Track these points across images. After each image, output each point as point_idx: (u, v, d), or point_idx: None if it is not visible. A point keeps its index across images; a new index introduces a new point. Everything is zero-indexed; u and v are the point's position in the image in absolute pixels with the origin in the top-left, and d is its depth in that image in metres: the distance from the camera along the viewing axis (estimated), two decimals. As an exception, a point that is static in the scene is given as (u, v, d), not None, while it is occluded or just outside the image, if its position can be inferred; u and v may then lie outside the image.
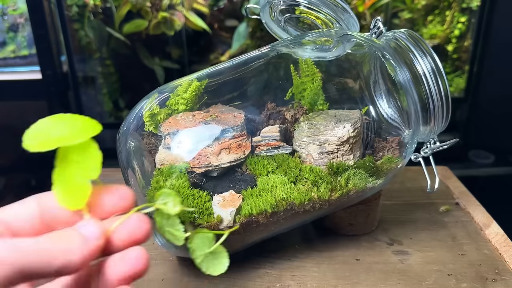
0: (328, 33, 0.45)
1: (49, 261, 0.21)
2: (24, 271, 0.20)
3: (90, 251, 0.23)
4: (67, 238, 0.22)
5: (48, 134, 0.25)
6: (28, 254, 0.20)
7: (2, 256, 0.20)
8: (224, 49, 0.94)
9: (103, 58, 0.94)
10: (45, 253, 0.21)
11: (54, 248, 0.21)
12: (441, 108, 0.43)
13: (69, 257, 0.22)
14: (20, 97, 0.92)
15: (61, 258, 0.21)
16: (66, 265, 0.21)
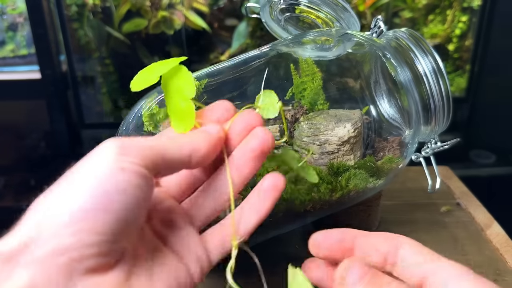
0: (328, 33, 0.45)
1: (181, 148, 0.25)
2: (163, 154, 0.23)
3: (213, 141, 0.26)
4: (193, 134, 0.26)
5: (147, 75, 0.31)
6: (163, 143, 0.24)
7: (142, 144, 0.23)
8: (224, 49, 0.94)
9: (103, 58, 0.93)
10: (176, 143, 0.25)
11: (183, 140, 0.25)
12: (442, 108, 0.42)
13: (195, 145, 0.25)
14: (19, 97, 0.92)
15: (189, 146, 0.25)
16: (194, 151, 0.25)
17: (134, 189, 0.21)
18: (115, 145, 0.22)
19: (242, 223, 0.28)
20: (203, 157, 0.26)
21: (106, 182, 0.21)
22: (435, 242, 0.50)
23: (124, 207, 0.21)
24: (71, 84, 0.93)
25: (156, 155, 0.23)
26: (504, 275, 0.44)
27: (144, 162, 0.22)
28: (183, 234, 0.27)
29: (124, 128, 0.42)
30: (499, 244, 0.49)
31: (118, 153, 0.22)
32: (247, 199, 0.28)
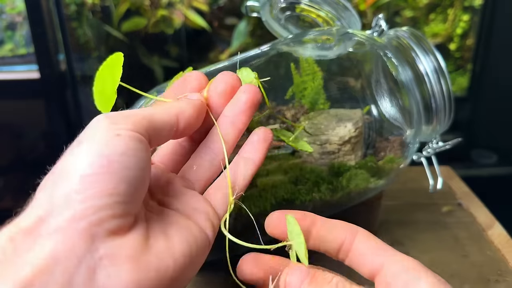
0: (329, 32, 0.45)
1: (168, 112, 0.26)
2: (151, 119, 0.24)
3: (197, 105, 0.28)
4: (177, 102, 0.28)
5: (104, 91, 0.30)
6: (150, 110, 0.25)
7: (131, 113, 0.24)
8: (224, 48, 0.94)
9: (102, 57, 0.93)
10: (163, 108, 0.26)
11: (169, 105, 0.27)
12: (444, 107, 0.42)
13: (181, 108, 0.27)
14: (17, 96, 0.92)
15: (175, 109, 0.26)
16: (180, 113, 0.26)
17: (133, 151, 0.22)
18: (105, 117, 0.24)
19: (239, 175, 0.29)
20: (190, 119, 0.27)
21: (105, 147, 0.22)
22: (436, 242, 0.49)
23: (126, 168, 0.22)
24: (70, 83, 0.92)
25: (146, 121, 0.24)
26: (506, 276, 0.44)
27: (136, 128, 0.23)
28: (187, 198, 0.28)
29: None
30: (500, 244, 0.48)
31: (111, 122, 0.23)
32: (240, 153, 0.30)
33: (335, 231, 0.27)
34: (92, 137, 0.22)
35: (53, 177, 0.22)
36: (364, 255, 0.26)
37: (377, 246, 0.26)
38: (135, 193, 0.22)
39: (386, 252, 0.26)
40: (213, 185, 0.30)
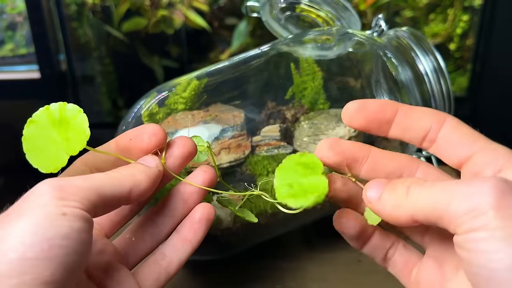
0: (329, 32, 0.45)
1: (121, 184, 0.24)
2: (102, 193, 0.23)
3: (153, 174, 0.26)
4: (131, 168, 0.26)
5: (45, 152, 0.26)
6: (102, 181, 0.23)
7: (80, 184, 0.22)
8: (224, 48, 0.94)
9: (102, 57, 0.93)
10: (116, 179, 0.24)
11: (123, 175, 0.25)
12: (443, 107, 0.42)
13: (136, 180, 0.25)
14: (18, 96, 0.92)
15: (130, 181, 0.24)
16: (135, 185, 0.25)
17: (77, 234, 0.21)
18: (52, 188, 0.21)
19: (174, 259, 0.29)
20: (144, 191, 0.25)
21: (47, 228, 0.20)
22: (436, 242, 0.49)
23: (68, 253, 0.20)
24: (71, 83, 0.92)
25: (95, 195, 0.22)
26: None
27: (84, 205, 0.21)
28: (117, 276, 0.27)
29: (123, 128, 0.42)
30: (500, 244, 0.48)
31: (56, 197, 0.21)
32: (178, 231, 0.29)
33: (419, 119, 0.25)
34: (34, 213, 0.20)
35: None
36: (451, 144, 0.24)
37: (468, 134, 0.24)
38: (71, 278, 0.21)
39: (476, 142, 0.23)
40: (147, 265, 0.29)
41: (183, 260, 0.29)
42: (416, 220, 0.22)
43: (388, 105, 0.26)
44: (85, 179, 0.23)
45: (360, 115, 0.26)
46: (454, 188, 0.20)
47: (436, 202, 0.21)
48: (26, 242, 0.19)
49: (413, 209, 0.22)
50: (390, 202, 0.23)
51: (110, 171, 0.25)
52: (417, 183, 0.22)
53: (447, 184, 0.21)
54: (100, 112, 0.97)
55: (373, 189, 0.24)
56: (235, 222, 0.39)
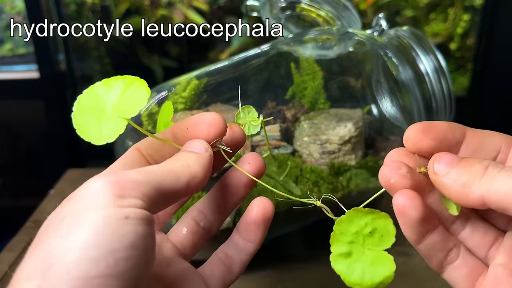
0: (329, 31, 0.44)
1: (178, 177, 0.22)
2: (160, 188, 0.21)
3: (206, 163, 0.24)
4: (185, 157, 0.24)
5: None
6: (159, 174, 0.22)
7: (139, 178, 0.20)
8: (224, 47, 0.94)
9: (101, 57, 0.93)
10: (173, 172, 0.22)
11: (178, 167, 0.23)
12: (444, 107, 0.42)
13: (192, 169, 0.23)
14: (17, 96, 0.92)
15: (186, 171, 0.23)
16: (192, 176, 0.23)
17: (142, 241, 0.19)
18: (109, 184, 0.19)
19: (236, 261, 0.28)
20: (200, 182, 0.24)
21: (111, 238, 0.18)
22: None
23: (134, 265, 0.18)
24: (70, 83, 0.92)
25: (155, 190, 0.21)
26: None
27: (145, 202, 0.20)
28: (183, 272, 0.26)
29: (122, 128, 0.42)
30: (501, 244, 0.48)
31: (115, 194, 0.19)
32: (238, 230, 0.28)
33: (490, 140, 0.25)
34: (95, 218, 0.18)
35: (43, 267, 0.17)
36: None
37: None
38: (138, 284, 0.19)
39: None
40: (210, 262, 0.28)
41: (245, 261, 0.28)
42: (486, 204, 0.21)
43: (456, 126, 0.25)
44: (142, 172, 0.21)
45: (428, 136, 0.25)
46: None
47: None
48: (89, 257, 0.17)
49: (487, 190, 0.21)
50: (461, 179, 0.22)
51: (163, 162, 0.24)
52: (497, 165, 0.21)
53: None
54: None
55: (442, 162, 0.23)
56: (234, 223, 0.38)
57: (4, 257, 0.46)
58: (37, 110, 0.92)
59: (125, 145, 0.41)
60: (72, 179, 0.63)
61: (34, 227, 0.52)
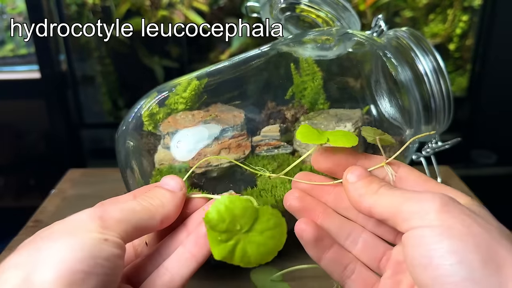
0: (329, 32, 0.45)
1: (153, 216, 0.27)
2: (136, 226, 0.26)
3: (179, 201, 0.28)
4: (160, 196, 0.28)
5: None
6: (137, 214, 0.26)
7: (119, 217, 0.25)
8: (224, 48, 0.94)
9: (102, 57, 0.93)
10: (149, 212, 0.27)
11: (154, 206, 0.27)
12: (443, 107, 0.42)
13: (166, 209, 0.28)
14: (18, 96, 0.92)
15: (160, 211, 0.27)
16: (165, 216, 0.27)
17: (115, 258, 0.24)
18: (96, 218, 0.24)
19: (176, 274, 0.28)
20: (171, 219, 0.28)
21: (93, 248, 0.23)
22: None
23: (106, 273, 0.23)
24: (71, 83, 0.92)
25: (131, 228, 0.25)
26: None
27: (121, 236, 0.25)
28: None
29: (123, 128, 0.42)
30: (500, 244, 0.48)
31: (100, 225, 0.24)
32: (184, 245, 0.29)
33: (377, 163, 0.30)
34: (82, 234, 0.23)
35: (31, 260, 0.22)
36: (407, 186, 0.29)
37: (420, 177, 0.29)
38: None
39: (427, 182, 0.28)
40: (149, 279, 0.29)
41: (185, 276, 0.28)
42: (372, 213, 0.26)
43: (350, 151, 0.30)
44: (123, 212, 0.26)
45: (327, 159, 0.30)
46: (410, 195, 0.25)
47: (393, 202, 0.26)
48: (76, 256, 0.22)
49: (374, 202, 0.26)
50: (360, 190, 0.27)
51: (141, 198, 0.28)
52: (388, 186, 0.27)
53: (406, 192, 0.26)
54: (101, 112, 0.97)
55: (354, 174, 0.28)
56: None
57: (5, 256, 0.46)
58: (38, 110, 0.92)
59: (126, 145, 0.41)
60: (73, 179, 0.63)
61: (35, 227, 0.52)
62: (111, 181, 0.60)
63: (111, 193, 0.30)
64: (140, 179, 0.40)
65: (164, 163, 0.39)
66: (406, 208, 0.24)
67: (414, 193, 0.25)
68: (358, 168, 0.28)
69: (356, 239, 0.30)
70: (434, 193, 0.25)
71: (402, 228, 0.25)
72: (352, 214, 0.31)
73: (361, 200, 0.27)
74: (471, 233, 0.23)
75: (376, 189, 0.27)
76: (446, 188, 0.27)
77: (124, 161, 0.41)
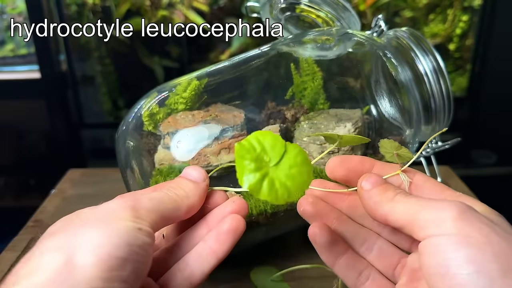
0: (329, 32, 0.45)
1: (178, 207, 0.27)
2: (164, 216, 0.26)
3: (203, 191, 0.29)
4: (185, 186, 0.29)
5: None
6: (164, 204, 0.27)
7: (150, 207, 0.26)
8: (224, 48, 0.94)
9: (102, 57, 0.93)
10: (175, 202, 0.27)
11: (180, 197, 0.28)
12: (443, 107, 0.42)
13: (190, 200, 0.28)
14: (18, 96, 0.92)
15: (186, 202, 0.28)
16: (190, 206, 0.28)
17: (148, 246, 0.24)
18: (128, 206, 0.25)
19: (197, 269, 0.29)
20: (196, 209, 0.29)
21: (129, 236, 0.23)
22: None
23: (140, 260, 0.24)
24: (71, 83, 0.92)
25: (160, 218, 0.26)
26: (505, 275, 0.44)
27: (151, 225, 0.25)
28: None
29: (123, 128, 0.42)
30: (500, 244, 0.48)
31: (132, 215, 0.24)
32: (205, 240, 0.29)
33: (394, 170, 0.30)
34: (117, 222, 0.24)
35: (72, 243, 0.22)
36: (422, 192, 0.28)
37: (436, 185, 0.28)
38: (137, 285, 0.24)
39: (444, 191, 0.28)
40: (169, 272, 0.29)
41: (206, 271, 0.29)
42: (388, 221, 0.26)
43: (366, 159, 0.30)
44: (153, 202, 0.26)
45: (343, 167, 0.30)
46: (426, 203, 0.25)
47: (409, 209, 0.25)
48: (114, 243, 0.22)
49: (390, 210, 0.26)
50: (376, 198, 0.27)
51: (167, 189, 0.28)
52: (404, 194, 0.27)
53: (422, 199, 0.26)
54: (101, 112, 0.97)
55: (369, 181, 0.28)
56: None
57: (5, 256, 0.46)
58: (38, 110, 0.92)
59: (126, 145, 0.41)
60: (73, 179, 0.63)
61: (36, 226, 0.52)
62: (111, 181, 0.60)
63: (111, 193, 0.30)
64: (140, 179, 0.40)
65: (164, 163, 0.39)
66: (422, 216, 0.24)
67: (430, 201, 0.25)
68: (373, 176, 0.28)
69: (371, 246, 0.30)
70: (451, 201, 0.24)
71: (419, 236, 0.24)
72: (367, 222, 0.31)
73: (376, 208, 0.27)
74: (489, 242, 0.22)
75: (391, 197, 0.26)
76: (462, 196, 0.27)
77: (124, 161, 0.41)
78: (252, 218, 0.39)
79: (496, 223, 0.24)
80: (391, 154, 0.31)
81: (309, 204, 0.31)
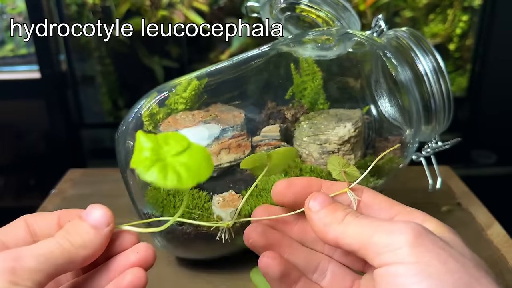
0: (329, 32, 0.45)
1: (72, 259, 0.24)
2: (54, 272, 0.23)
3: (103, 238, 0.25)
4: (83, 234, 0.25)
5: None
6: (54, 258, 0.23)
7: (34, 266, 0.22)
8: (224, 48, 0.94)
9: (102, 57, 0.93)
10: (68, 254, 0.23)
11: (74, 247, 0.24)
12: (443, 107, 0.42)
13: (88, 251, 0.24)
14: (18, 96, 0.92)
15: (81, 253, 0.24)
16: (87, 257, 0.24)
17: None
18: (5, 270, 0.21)
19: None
20: (94, 258, 0.25)
21: None
22: (436, 242, 0.49)
23: None
24: (71, 83, 0.92)
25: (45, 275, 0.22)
26: (505, 275, 0.44)
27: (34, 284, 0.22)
28: None
29: (123, 128, 0.42)
30: (500, 244, 0.49)
31: (10, 281, 0.21)
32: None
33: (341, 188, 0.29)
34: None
35: None
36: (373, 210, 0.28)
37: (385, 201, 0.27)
38: None
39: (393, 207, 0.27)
40: None
41: None
42: (340, 244, 0.25)
43: (313, 180, 0.29)
44: (39, 259, 0.22)
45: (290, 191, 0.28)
46: (379, 224, 0.24)
47: (361, 232, 0.24)
48: None
49: (341, 233, 0.25)
50: (325, 219, 0.25)
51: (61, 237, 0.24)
52: (354, 214, 0.25)
53: (374, 220, 0.24)
54: (101, 112, 0.97)
55: (316, 201, 0.26)
56: (234, 223, 0.39)
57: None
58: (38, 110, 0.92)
59: (126, 145, 0.41)
60: (73, 179, 0.63)
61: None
62: (111, 181, 0.60)
63: (111, 193, 0.30)
64: (140, 179, 0.40)
65: (164, 163, 0.39)
66: (376, 240, 0.23)
67: (383, 223, 0.24)
68: (320, 195, 0.27)
69: (324, 271, 0.29)
70: (404, 222, 0.23)
71: (373, 263, 0.23)
72: (319, 246, 0.30)
73: (326, 230, 0.25)
74: (448, 271, 0.21)
75: (341, 218, 0.25)
76: (413, 212, 0.26)
77: (124, 161, 0.41)
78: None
79: (452, 244, 0.23)
80: (338, 172, 0.30)
81: (259, 235, 0.28)
